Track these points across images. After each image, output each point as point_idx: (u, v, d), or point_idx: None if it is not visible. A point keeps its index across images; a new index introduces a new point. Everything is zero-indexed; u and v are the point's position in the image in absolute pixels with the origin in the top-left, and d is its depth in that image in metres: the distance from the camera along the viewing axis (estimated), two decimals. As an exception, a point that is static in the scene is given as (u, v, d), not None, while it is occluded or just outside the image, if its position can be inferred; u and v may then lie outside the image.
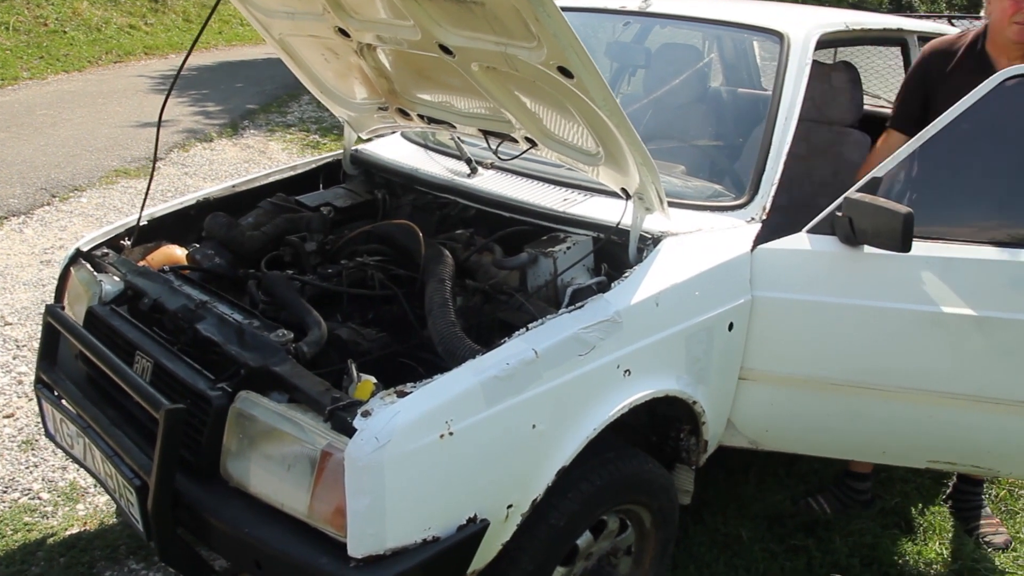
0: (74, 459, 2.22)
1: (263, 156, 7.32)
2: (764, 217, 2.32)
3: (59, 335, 2.28)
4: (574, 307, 1.95)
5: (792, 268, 2.25)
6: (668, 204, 2.17)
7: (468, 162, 2.76)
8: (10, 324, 3.97)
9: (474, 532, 1.73)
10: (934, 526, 2.90)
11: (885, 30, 3.19)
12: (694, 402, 2.17)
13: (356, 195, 2.87)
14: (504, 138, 2.41)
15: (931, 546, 2.81)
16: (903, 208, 2.04)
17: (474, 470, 1.73)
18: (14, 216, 5.36)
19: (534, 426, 1.80)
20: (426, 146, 3.06)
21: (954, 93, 2.27)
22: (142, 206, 2.55)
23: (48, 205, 5.61)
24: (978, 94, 2.18)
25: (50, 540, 2.61)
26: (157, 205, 2.75)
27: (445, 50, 2.09)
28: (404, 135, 3.17)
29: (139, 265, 2.40)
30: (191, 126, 7.93)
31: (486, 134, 2.45)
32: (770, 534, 2.79)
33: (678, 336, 2.09)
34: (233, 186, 2.85)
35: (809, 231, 2.27)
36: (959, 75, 2.56)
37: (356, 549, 1.62)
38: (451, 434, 1.67)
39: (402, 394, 1.68)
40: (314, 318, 2.05)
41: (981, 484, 2.99)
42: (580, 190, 2.52)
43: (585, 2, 3.16)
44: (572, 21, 1.69)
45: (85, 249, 2.48)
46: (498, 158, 2.55)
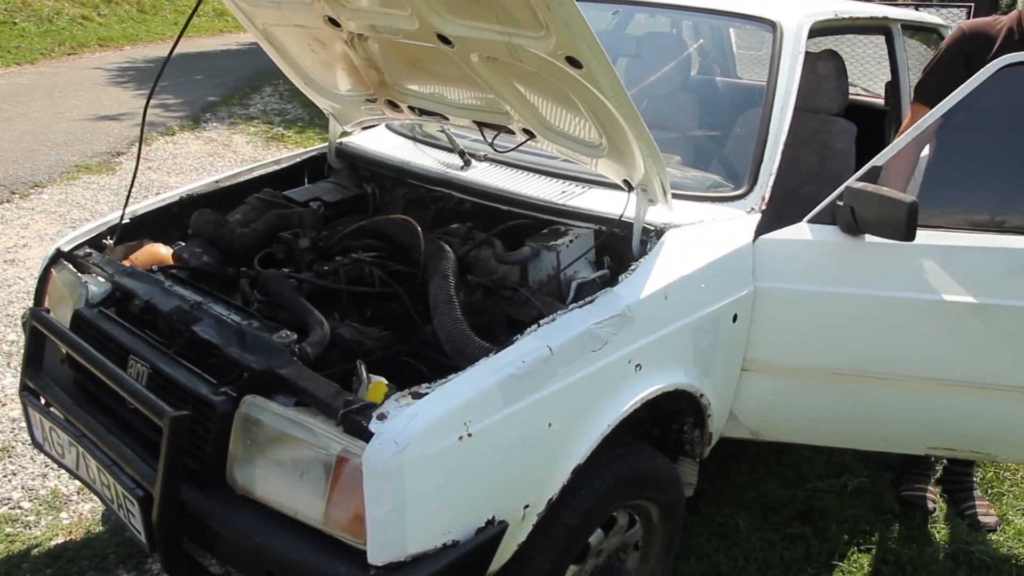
0: (65, 469, 2.13)
1: (227, 149, 7.18)
2: (763, 207, 2.32)
3: (44, 340, 2.19)
4: (584, 302, 1.91)
5: (794, 258, 2.25)
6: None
7: (461, 154, 2.70)
8: (-24, 327, 3.83)
9: (493, 534, 1.70)
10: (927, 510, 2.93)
11: (872, 18, 3.21)
12: (701, 395, 2.16)
13: (345, 189, 2.80)
14: (501, 130, 2.36)
15: (925, 530, 2.84)
16: (908, 197, 2.05)
17: (492, 471, 1.70)
18: (-28, 215, 5.18)
19: (550, 424, 1.77)
20: (414, 138, 2.99)
21: None
22: (125, 204, 2.46)
23: (8, 203, 5.42)
24: (975, 82, 2.18)
25: (35, 551, 2.51)
26: (137, 202, 2.66)
27: (444, 40, 2.03)
28: (390, 127, 3.10)
29: (126, 265, 2.31)
30: (151, 119, 7.71)
31: (481, 126, 2.40)
32: (766, 523, 2.80)
33: (686, 329, 2.08)
34: (217, 182, 2.76)
35: (810, 221, 2.27)
36: None
37: (377, 556, 1.58)
38: (470, 435, 1.63)
39: (418, 395, 1.64)
40: (316, 318, 1.99)
41: (972, 466, 3.03)
42: (577, 182, 2.48)
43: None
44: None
45: (66, 249, 2.38)
46: (494, 150, 2.51)
